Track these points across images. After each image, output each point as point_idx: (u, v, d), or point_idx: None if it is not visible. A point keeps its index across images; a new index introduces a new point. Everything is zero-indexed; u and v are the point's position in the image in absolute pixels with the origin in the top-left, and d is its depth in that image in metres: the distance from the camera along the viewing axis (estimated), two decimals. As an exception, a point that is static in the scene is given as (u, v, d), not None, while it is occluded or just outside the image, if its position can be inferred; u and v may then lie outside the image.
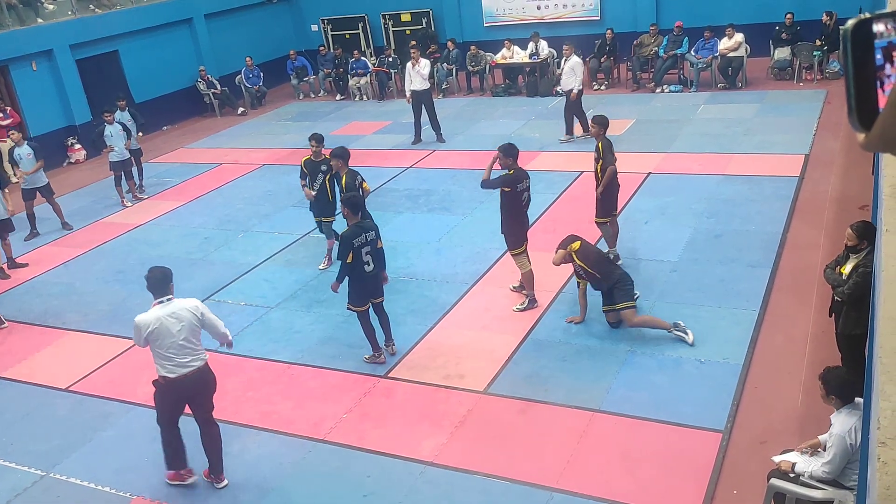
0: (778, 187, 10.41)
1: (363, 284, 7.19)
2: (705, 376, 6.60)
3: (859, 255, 5.66)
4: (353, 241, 6.98)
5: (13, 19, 15.62)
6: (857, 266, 5.62)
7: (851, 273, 5.67)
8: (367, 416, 6.63)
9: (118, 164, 12.59)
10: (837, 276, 5.85)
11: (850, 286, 5.62)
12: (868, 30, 1.14)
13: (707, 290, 8.01)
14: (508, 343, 7.44)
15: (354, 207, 7.12)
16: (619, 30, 17.41)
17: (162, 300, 5.64)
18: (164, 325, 5.50)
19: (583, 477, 5.62)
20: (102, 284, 9.98)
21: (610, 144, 8.44)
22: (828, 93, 14.46)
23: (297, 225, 11.11)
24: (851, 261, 5.75)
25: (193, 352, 5.63)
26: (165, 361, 5.57)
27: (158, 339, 5.51)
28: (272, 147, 15.52)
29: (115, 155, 12.48)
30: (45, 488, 6.20)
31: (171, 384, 5.61)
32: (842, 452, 4.52)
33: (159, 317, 5.52)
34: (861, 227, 5.70)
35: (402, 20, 20.72)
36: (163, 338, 5.50)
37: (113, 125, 12.50)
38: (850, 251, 5.79)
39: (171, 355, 5.54)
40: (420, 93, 13.95)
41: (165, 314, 5.53)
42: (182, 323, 5.54)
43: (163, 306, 5.60)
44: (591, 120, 8.35)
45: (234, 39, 19.98)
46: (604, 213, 8.57)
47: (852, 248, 5.74)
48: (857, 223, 5.80)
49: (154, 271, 5.80)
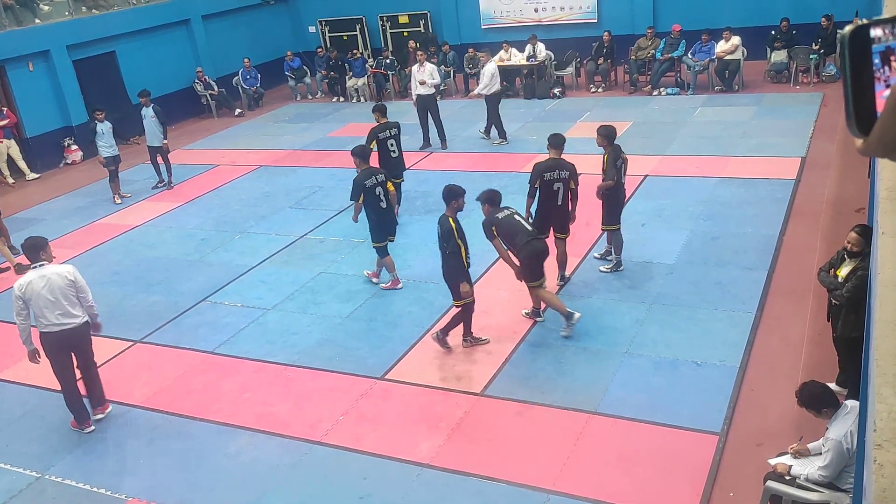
0: (774, 190, 10.43)
1: (380, 220, 8.52)
2: (702, 378, 6.61)
3: (857, 259, 5.60)
4: (364, 183, 8.32)
5: (10, 20, 15.59)
6: (856, 269, 5.58)
7: (849, 276, 5.63)
8: (363, 417, 6.63)
9: (111, 159, 12.75)
10: (833, 280, 5.79)
11: (848, 289, 5.57)
12: (865, 35, 1.15)
13: (704, 292, 8.02)
14: (505, 345, 7.44)
15: (363, 156, 8.65)
16: (617, 32, 17.44)
17: (35, 265, 6.47)
18: (34, 285, 6.31)
19: (579, 479, 5.62)
20: (98, 286, 9.92)
21: (615, 157, 8.15)
22: (824, 96, 14.50)
23: (295, 226, 11.11)
24: (848, 264, 5.69)
25: (66, 314, 6.43)
26: (40, 318, 6.39)
27: (31, 298, 6.33)
28: (269, 148, 15.52)
29: (106, 151, 12.65)
30: (41, 490, 6.18)
31: (46, 338, 6.46)
32: (839, 457, 4.53)
33: (31, 279, 6.34)
34: (864, 231, 5.61)
35: (400, 22, 20.74)
36: (35, 297, 6.31)
37: (104, 123, 12.61)
38: (849, 255, 5.72)
39: (45, 313, 6.36)
40: (425, 97, 13.88)
41: (36, 276, 6.35)
42: (50, 283, 6.33)
43: (35, 270, 6.43)
44: (596, 131, 8.27)
45: (232, 41, 19.97)
46: (609, 221, 8.51)
47: (855, 253, 5.64)
48: (862, 227, 5.72)
49: (28, 240, 6.61)
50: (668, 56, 16.13)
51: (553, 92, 17.02)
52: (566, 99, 16.87)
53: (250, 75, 19.27)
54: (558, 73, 17.62)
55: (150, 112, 13.12)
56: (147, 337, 8.47)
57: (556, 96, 16.96)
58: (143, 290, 9.66)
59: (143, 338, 8.46)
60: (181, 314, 8.89)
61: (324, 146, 15.31)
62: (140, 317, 8.93)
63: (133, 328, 8.66)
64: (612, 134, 8.21)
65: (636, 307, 7.85)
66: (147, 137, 13.35)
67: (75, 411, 6.82)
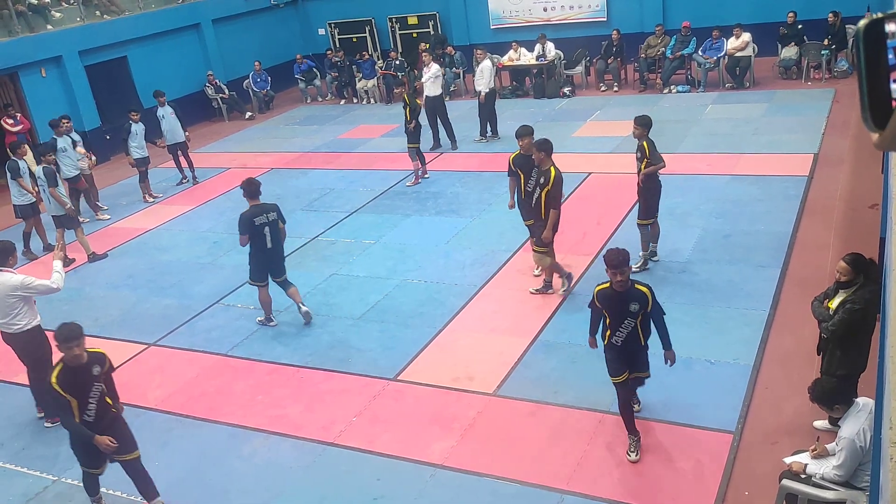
0: (787, 187, 10.37)
1: (264, 259, 8.09)
2: (715, 377, 6.58)
3: (849, 290, 5.28)
4: (252, 220, 7.86)
5: (22, 26, 15.71)
6: (845, 302, 5.26)
7: (838, 309, 5.30)
8: (376, 419, 6.64)
9: (141, 160, 12.96)
10: (824, 311, 5.43)
11: (834, 323, 5.26)
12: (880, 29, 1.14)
13: (716, 290, 7.98)
14: (517, 345, 7.43)
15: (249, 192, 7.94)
16: (626, 31, 17.39)
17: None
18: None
19: (593, 479, 5.61)
20: (112, 290, 10.03)
21: (654, 145, 8.20)
22: (836, 92, 14.40)
23: (306, 229, 11.14)
24: (840, 295, 5.35)
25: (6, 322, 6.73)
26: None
27: None
28: (280, 151, 15.57)
29: (137, 152, 12.86)
30: (58, 493, 6.23)
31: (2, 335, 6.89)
32: (852, 455, 4.50)
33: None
34: (855, 261, 5.27)
35: (409, 23, 20.76)
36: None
37: (138, 124, 12.85)
38: (840, 286, 5.37)
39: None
40: (432, 99, 13.89)
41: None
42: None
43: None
44: (633, 120, 8.15)
45: (242, 44, 20.06)
46: (647, 215, 8.41)
47: (845, 283, 5.30)
48: (852, 256, 5.34)
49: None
50: (679, 53, 16.07)
51: (563, 91, 16.99)
52: (576, 98, 16.84)
53: (260, 78, 19.35)
54: (568, 72, 17.60)
55: (168, 110, 13.35)
56: (161, 340, 8.51)
57: (566, 95, 16.93)
58: (157, 293, 9.72)
59: (156, 341, 8.51)
60: (194, 317, 8.93)
61: (334, 148, 15.35)
62: (154, 320, 8.98)
63: (147, 331, 8.71)
64: (650, 123, 8.18)
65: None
66: (167, 136, 13.51)
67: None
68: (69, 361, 5.25)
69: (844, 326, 5.24)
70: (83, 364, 5.29)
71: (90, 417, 5.35)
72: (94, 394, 5.35)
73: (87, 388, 5.31)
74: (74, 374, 5.25)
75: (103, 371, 5.45)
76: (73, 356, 5.22)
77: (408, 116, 12.24)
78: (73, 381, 5.24)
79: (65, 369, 5.26)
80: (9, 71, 15.12)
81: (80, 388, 5.28)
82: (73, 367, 5.26)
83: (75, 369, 5.26)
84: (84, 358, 5.29)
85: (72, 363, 5.25)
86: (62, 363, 5.27)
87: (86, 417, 5.34)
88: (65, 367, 5.26)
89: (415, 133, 12.32)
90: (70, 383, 5.24)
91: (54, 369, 5.30)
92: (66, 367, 5.26)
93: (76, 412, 5.29)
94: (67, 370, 5.25)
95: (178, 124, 13.46)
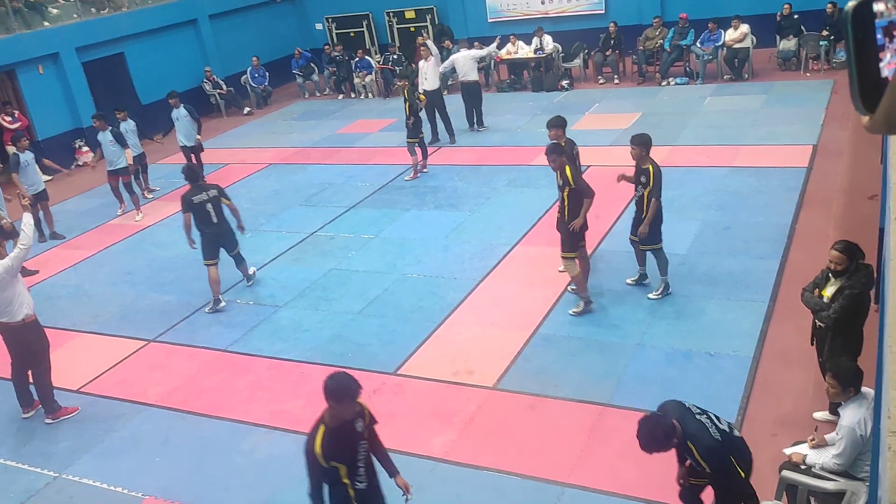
0: (786, 178, 10.36)
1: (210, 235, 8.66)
2: (715, 369, 6.59)
3: (843, 277, 5.30)
4: (191, 199, 8.47)
5: (19, 23, 15.68)
6: (843, 288, 5.28)
7: (835, 296, 5.31)
8: (376, 413, 6.55)
9: (136, 157, 12.85)
10: (819, 301, 5.44)
11: (835, 310, 5.27)
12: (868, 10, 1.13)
13: (716, 282, 7.98)
14: (517, 339, 7.44)
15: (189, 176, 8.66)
16: (624, 23, 17.36)
17: None
18: None
19: (594, 471, 5.62)
20: (111, 286, 10.03)
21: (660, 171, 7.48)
22: (835, 82, 14.38)
23: (305, 224, 11.13)
24: (834, 283, 5.37)
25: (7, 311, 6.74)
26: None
27: None
28: (278, 146, 15.55)
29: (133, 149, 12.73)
30: (59, 489, 6.24)
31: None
32: (852, 444, 4.50)
33: None
34: (847, 248, 5.28)
35: (407, 17, 20.70)
36: None
37: (127, 122, 12.74)
38: (833, 274, 5.38)
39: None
40: (430, 93, 13.84)
41: None
42: None
43: None
44: (630, 140, 7.58)
45: (240, 39, 20.01)
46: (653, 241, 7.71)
47: (840, 271, 5.31)
48: (843, 243, 5.33)
49: None
50: (676, 43, 16.02)
51: (561, 84, 16.96)
52: (574, 91, 16.81)
53: (258, 73, 19.31)
54: (566, 65, 17.56)
55: (182, 112, 13.05)
56: (160, 336, 8.52)
57: (565, 88, 16.90)
58: (156, 289, 9.72)
59: (156, 337, 8.51)
60: (193, 313, 8.93)
61: (332, 143, 15.33)
62: (153, 316, 8.98)
63: (146, 327, 8.71)
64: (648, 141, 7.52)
65: (648, 298, 7.82)
66: (180, 138, 13.32)
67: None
68: (335, 422, 4.21)
69: (846, 312, 5.25)
70: (347, 421, 4.28)
71: (362, 484, 4.36)
72: (362, 454, 4.37)
73: (356, 448, 4.34)
74: (339, 436, 4.23)
75: (366, 424, 4.44)
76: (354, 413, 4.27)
77: (407, 112, 12.24)
78: (339, 444, 4.23)
79: (328, 433, 4.20)
80: (6, 68, 15.09)
81: (348, 452, 4.29)
82: (336, 427, 4.22)
83: (340, 429, 4.23)
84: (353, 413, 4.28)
85: (335, 423, 4.22)
86: (324, 426, 4.23)
87: (357, 485, 4.34)
88: (328, 431, 4.20)
89: (414, 128, 12.32)
90: (336, 448, 4.22)
91: (316, 437, 4.21)
92: (329, 430, 4.20)
93: (346, 480, 4.29)
94: (331, 433, 4.21)
95: (192, 128, 13.12)
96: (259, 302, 8.97)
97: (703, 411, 4.44)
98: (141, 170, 13.20)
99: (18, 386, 7.22)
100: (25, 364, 7.11)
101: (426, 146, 12.88)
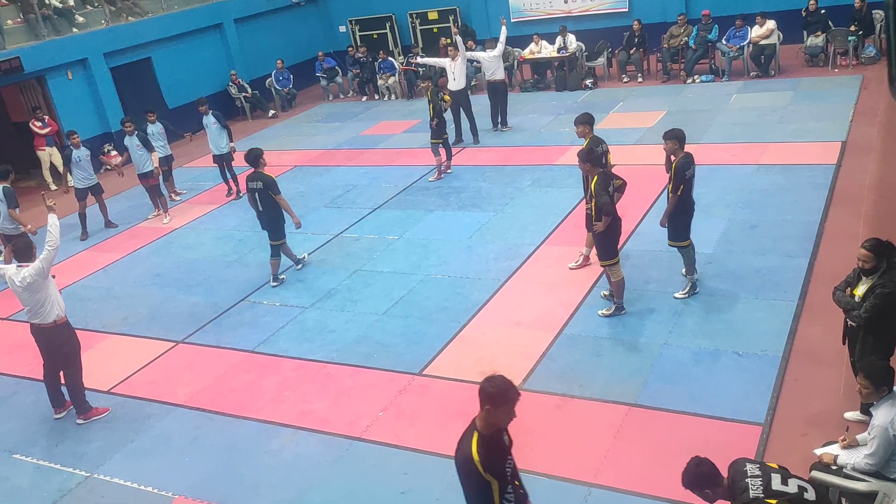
0: (814, 176, 10.22)
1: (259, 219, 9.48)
2: (743, 369, 6.52)
3: (875, 275, 5.26)
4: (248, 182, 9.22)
5: (48, 30, 15.94)
6: (874, 287, 5.22)
7: (867, 295, 5.25)
8: (402, 413, 6.67)
9: (163, 159, 12.99)
10: (850, 299, 5.38)
11: (867, 309, 5.22)
12: None
13: (743, 281, 7.90)
14: (542, 339, 7.42)
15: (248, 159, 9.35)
16: (647, 21, 17.26)
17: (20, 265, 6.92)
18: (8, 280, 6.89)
19: (620, 472, 5.58)
20: (141, 288, 10.16)
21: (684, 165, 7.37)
22: (864, 78, 14.16)
23: (330, 225, 11.20)
24: (865, 282, 5.31)
25: (31, 310, 6.93)
26: None
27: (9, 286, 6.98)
28: (303, 148, 15.66)
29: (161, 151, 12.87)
30: (90, 489, 6.33)
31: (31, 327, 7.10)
32: (885, 444, 4.44)
33: (10, 274, 6.87)
34: (876, 246, 5.23)
35: (430, 18, 20.75)
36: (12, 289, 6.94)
37: (155, 125, 12.87)
38: (864, 273, 5.32)
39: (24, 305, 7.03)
40: (456, 93, 13.84)
41: (11, 273, 6.87)
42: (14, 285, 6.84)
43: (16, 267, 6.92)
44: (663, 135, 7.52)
45: (264, 43, 20.21)
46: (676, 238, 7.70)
47: (869, 269, 5.26)
48: (870, 241, 5.29)
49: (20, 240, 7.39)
50: (704, 35, 15.84)
51: (585, 83, 16.89)
52: (598, 90, 16.73)
53: (283, 76, 19.46)
54: (590, 64, 17.49)
55: (211, 120, 12.83)
56: (189, 337, 8.61)
57: (589, 87, 16.83)
58: (184, 291, 9.83)
59: (184, 338, 8.60)
60: (221, 314, 9.02)
61: (357, 145, 15.40)
62: (181, 318, 9.08)
63: (175, 329, 8.82)
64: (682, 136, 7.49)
65: (674, 297, 7.76)
66: (211, 147, 13.02)
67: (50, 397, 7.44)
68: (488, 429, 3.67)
69: (878, 311, 5.18)
70: (500, 430, 3.76)
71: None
72: (510, 471, 3.79)
73: (506, 463, 3.77)
74: (492, 445, 3.68)
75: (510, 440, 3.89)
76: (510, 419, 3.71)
77: (431, 113, 12.26)
78: (492, 454, 3.66)
79: (482, 440, 3.64)
80: (36, 74, 15.36)
81: (500, 464, 3.71)
82: (489, 435, 3.67)
83: (492, 437, 3.69)
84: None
85: (489, 430, 3.67)
86: (477, 432, 3.65)
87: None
88: (481, 438, 3.65)
89: (438, 129, 12.33)
90: (489, 459, 3.64)
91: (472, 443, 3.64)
92: (482, 438, 3.65)
93: (496, 499, 3.68)
94: (484, 441, 3.64)
95: (222, 135, 12.86)
96: (285, 303, 9.03)
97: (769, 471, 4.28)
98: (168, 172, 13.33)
99: (50, 387, 7.34)
100: (57, 365, 7.22)
101: (450, 147, 12.89)
